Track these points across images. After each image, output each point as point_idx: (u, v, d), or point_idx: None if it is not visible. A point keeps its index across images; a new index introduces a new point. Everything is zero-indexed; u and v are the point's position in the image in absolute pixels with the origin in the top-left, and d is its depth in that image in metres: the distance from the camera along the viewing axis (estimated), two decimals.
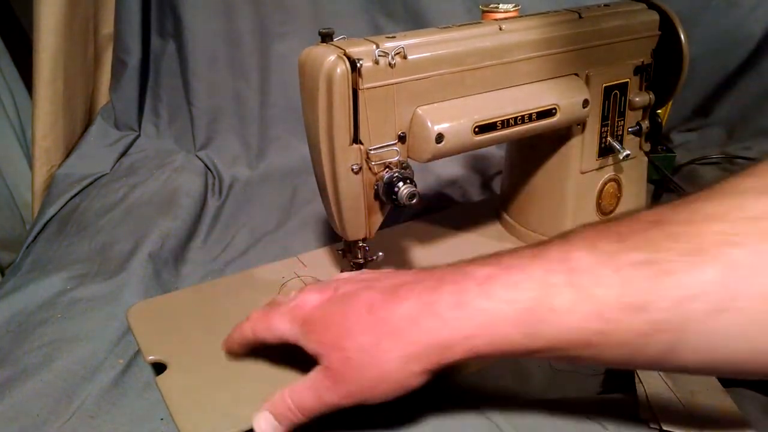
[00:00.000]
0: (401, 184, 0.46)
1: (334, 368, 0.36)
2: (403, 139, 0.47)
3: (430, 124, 0.46)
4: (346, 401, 0.36)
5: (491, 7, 0.67)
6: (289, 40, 0.94)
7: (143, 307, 0.55)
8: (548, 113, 0.52)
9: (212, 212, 0.82)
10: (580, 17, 0.54)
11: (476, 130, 0.48)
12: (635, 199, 0.64)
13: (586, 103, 0.54)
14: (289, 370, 0.47)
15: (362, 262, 0.51)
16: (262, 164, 0.95)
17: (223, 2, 0.91)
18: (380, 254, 0.52)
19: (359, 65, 0.43)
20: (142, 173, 0.89)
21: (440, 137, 0.46)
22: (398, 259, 0.61)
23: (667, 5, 0.58)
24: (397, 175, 0.46)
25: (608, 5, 0.57)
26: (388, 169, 0.47)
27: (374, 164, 0.46)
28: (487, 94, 0.49)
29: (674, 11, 0.57)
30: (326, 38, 0.46)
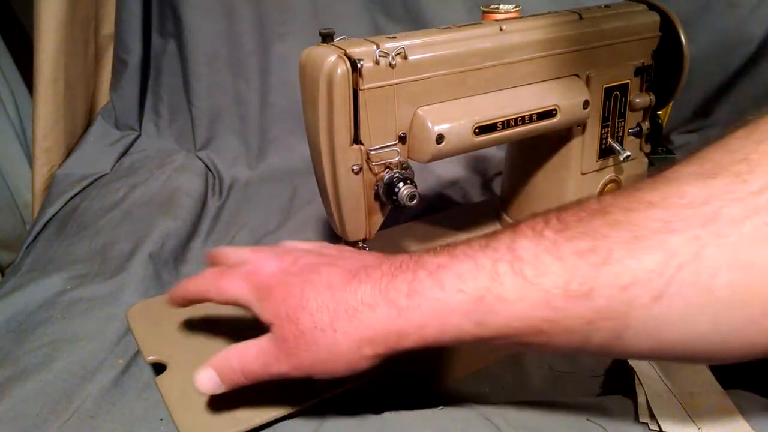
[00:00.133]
0: (401, 184, 0.46)
1: (286, 340, 0.36)
2: (403, 139, 0.47)
3: (430, 124, 0.46)
4: (293, 373, 0.37)
5: (492, 7, 0.67)
6: (289, 40, 0.94)
7: (143, 307, 0.55)
8: (549, 114, 0.52)
9: (212, 212, 0.82)
10: (580, 18, 0.54)
11: (477, 130, 0.48)
12: None
13: (586, 104, 0.54)
14: None
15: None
16: (262, 164, 0.95)
17: (223, 2, 0.91)
18: None
19: (360, 66, 0.43)
20: (142, 173, 0.89)
21: (440, 138, 0.46)
22: None
23: (667, 6, 0.58)
24: (397, 175, 0.46)
25: (609, 6, 0.57)
26: (388, 169, 0.47)
27: (374, 165, 0.46)
28: (487, 94, 0.49)
29: (675, 12, 0.57)
30: (327, 38, 0.46)
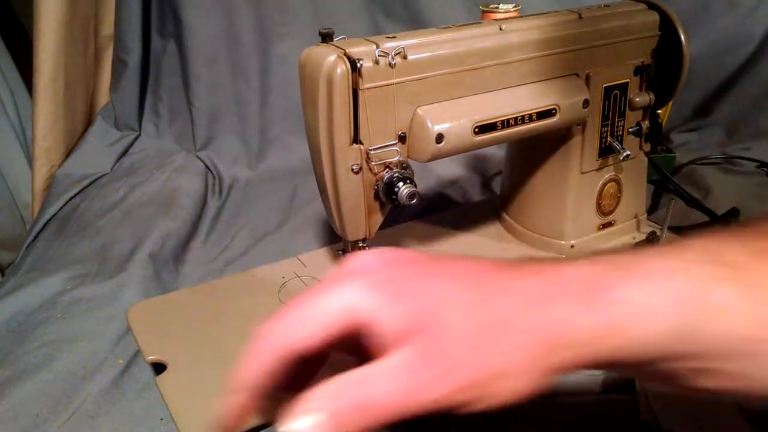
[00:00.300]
0: (401, 184, 0.46)
1: (436, 350, 0.25)
2: (403, 139, 0.47)
3: (430, 124, 0.46)
4: (449, 398, 0.25)
5: (491, 7, 0.67)
6: (289, 40, 0.94)
7: (143, 307, 0.55)
8: (548, 113, 0.52)
9: (212, 212, 0.82)
10: (580, 17, 0.54)
11: (476, 130, 0.48)
12: (635, 199, 0.64)
13: (586, 103, 0.54)
14: None
15: None
16: (262, 164, 0.95)
17: (223, 2, 0.91)
18: None
19: (359, 65, 0.43)
20: (142, 173, 0.89)
21: (440, 137, 0.46)
22: None
23: (667, 5, 0.58)
24: (397, 175, 0.46)
25: (608, 5, 0.57)
26: (388, 169, 0.47)
27: (374, 164, 0.46)
28: (487, 94, 0.49)
29: (674, 11, 0.57)
30: (326, 38, 0.46)
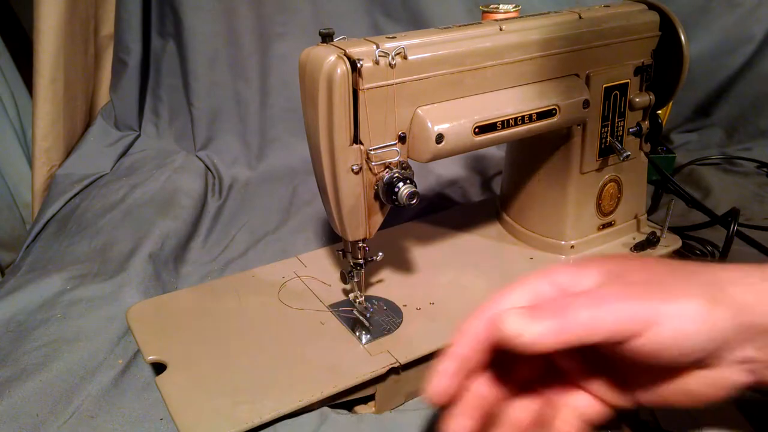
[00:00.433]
0: (401, 184, 0.46)
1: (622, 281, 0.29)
2: (403, 139, 0.47)
3: (430, 124, 0.46)
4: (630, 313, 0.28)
5: (491, 7, 0.67)
6: (289, 40, 0.94)
7: (143, 307, 0.55)
8: (548, 114, 0.51)
9: (212, 212, 0.82)
10: (580, 18, 0.54)
11: (476, 130, 0.48)
12: (635, 199, 0.64)
13: (586, 103, 0.54)
14: (289, 370, 0.47)
15: (362, 262, 0.51)
16: (262, 164, 0.95)
17: (223, 2, 0.91)
18: (380, 254, 0.52)
19: (359, 65, 0.43)
20: (142, 173, 0.89)
21: (440, 137, 0.46)
22: (398, 259, 0.61)
23: (667, 6, 0.58)
24: (397, 175, 0.46)
25: (608, 6, 0.57)
26: (388, 169, 0.47)
27: (374, 164, 0.46)
28: (487, 94, 0.49)
29: (675, 12, 0.57)
30: (326, 38, 0.46)
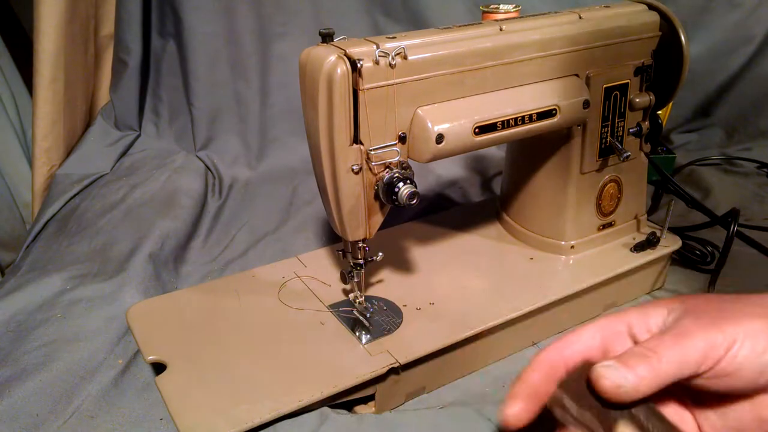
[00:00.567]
0: (401, 184, 0.46)
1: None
2: (403, 139, 0.47)
3: (430, 124, 0.46)
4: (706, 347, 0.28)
5: (492, 7, 0.67)
6: (289, 40, 0.94)
7: (143, 307, 0.55)
8: (548, 114, 0.51)
9: (212, 212, 0.82)
10: (580, 18, 0.54)
11: (476, 130, 0.48)
12: (635, 200, 0.64)
13: (586, 103, 0.54)
14: (288, 370, 0.47)
15: (362, 262, 0.51)
16: (262, 164, 0.95)
17: (223, 2, 0.91)
18: (380, 254, 0.52)
19: (360, 65, 0.43)
20: (142, 173, 0.89)
21: (440, 138, 0.46)
22: (398, 259, 0.61)
23: (667, 6, 0.58)
24: (397, 175, 0.46)
25: (608, 6, 0.57)
26: (388, 169, 0.47)
27: (374, 164, 0.46)
28: (487, 94, 0.49)
29: (675, 12, 0.57)
30: (327, 38, 0.46)
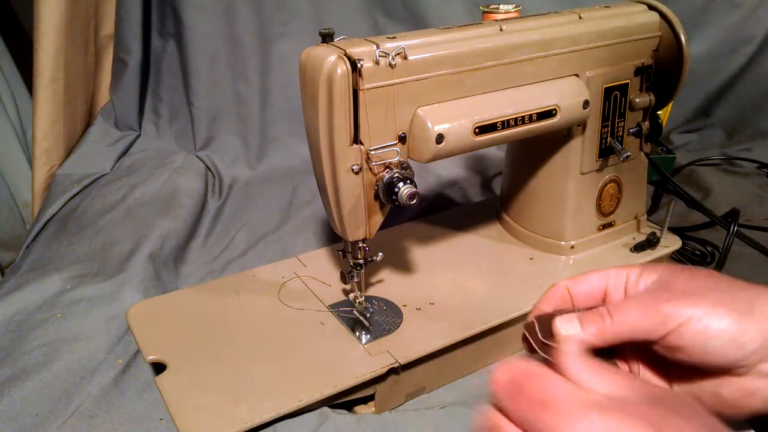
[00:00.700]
0: (401, 184, 0.46)
1: None
2: (403, 139, 0.47)
3: (430, 124, 0.46)
4: None
5: (492, 7, 0.67)
6: (289, 40, 0.94)
7: (143, 307, 0.55)
8: (548, 114, 0.52)
9: (212, 212, 0.82)
10: (580, 18, 0.54)
11: (476, 130, 0.48)
12: (635, 200, 0.64)
13: (586, 104, 0.54)
14: (288, 370, 0.47)
15: (362, 262, 0.51)
16: (262, 164, 0.95)
17: (223, 2, 0.91)
18: (380, 254, 0.52)
19: (360, 66, 0.43)
20: (142, 173, 0.89)
21: (440, 138, 0.46)
22: (398, 259, 0.61)
23: (667, 6, 0.58)
24: (397, 175, 0.46)
25: (608, 6, 0.57)
26: (388, 169, 0.47)
27: (374, 164, 0.46)
28: (487, 94, 0.49)
29: (675, 12, 0.57)
30: (327, 38, 0.46)
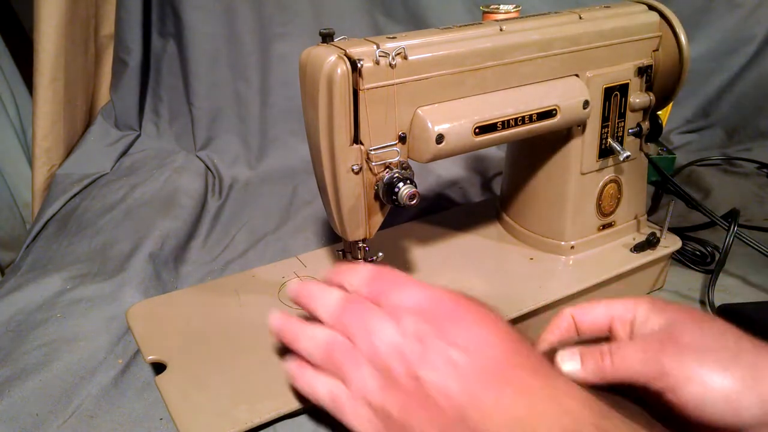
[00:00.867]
0: (401, 184, 0.46)
1: None
2: (403, 139, 0.47)
3: (430, 124, 0.46)
4: None
5: (492, 7, 0.67)
6: (289, 40, 0.94)
7: (143, 307, 0.55)
8: (548, 114, 0.52)
9: (212, 212, 0.82)
10: (580, 18, 0.54)
11: (476, 130, 0.48)
12: (635, 200, 0.64)
13: (586, 104, 0.54)
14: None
15: (362, 262, 0.51)
16: (262, 164, 0.95)
17: (223, 2, 0.91)
18: (380, 254, 0.52)
19: (360, 66, 0.43)
20: (142, 173, 0.89)
21: (440, 138, 0.46)
22: (398, 259, 0.61)
23: (668, 6, 0.58)
24: (397, 175, 0.46)
25: (608, 6, 0.57)
26: (388, 169, 0.47)
27: (374, 164, 0.46)
28: (487, 94, 0.49)
29: (675, 12, 0.57)
30: (327, 38, 0.46)
